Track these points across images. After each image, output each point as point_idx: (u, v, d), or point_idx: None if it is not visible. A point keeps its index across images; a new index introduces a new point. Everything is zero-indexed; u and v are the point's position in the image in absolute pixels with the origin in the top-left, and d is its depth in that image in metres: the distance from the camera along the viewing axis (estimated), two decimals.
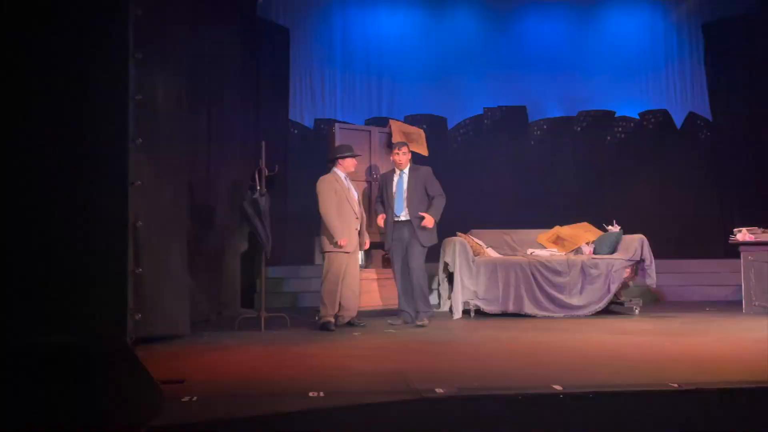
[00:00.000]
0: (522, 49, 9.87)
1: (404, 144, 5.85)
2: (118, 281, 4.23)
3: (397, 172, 5.82)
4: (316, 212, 5.72)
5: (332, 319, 5.55)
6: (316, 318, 5.67)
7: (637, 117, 9.88)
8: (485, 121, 9.77)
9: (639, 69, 9.98)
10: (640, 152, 9.75)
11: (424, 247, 5.62)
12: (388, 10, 9.89)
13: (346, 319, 5.69)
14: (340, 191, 5.63)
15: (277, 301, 7.68)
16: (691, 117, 9.90)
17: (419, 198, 5.68)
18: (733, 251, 9.43)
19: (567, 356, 4.04)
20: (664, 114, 9.88)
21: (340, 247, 5.51)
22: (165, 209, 5.03)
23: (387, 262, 6.42)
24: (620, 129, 9.90)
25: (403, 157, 5.77)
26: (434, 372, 3.62)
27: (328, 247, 5.59)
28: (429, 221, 5.57)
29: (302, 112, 9.47)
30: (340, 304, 5.66)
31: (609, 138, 9.90)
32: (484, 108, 9.76)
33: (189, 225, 5.87)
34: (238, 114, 7.34)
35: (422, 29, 9.89)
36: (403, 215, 5.70)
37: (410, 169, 5.81)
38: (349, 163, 5.75)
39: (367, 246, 5.90)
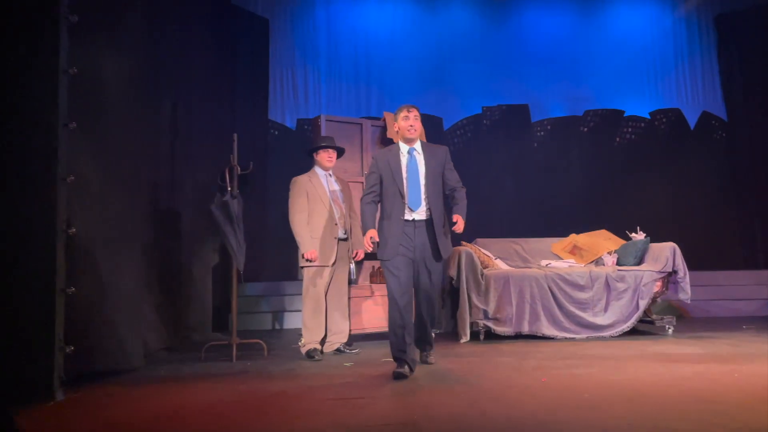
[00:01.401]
0: (523, 44, 9.07)
1: (414, 106, 4.10)
2: (43, 304, 3.29)
3: (403, 149, 4.03)
4: None
5: (318, 346, 4.63)
6: (299, 344, 4.75)
7: (648, 117, 9.10)
8: (484, 121, 8.94)
9: (648, 65, 9.22)
10: (652, 154, 8.96)
11: (442, 261, 4.04)
12: (377, 1, 9.05)
13: (335, 345, 4.77)
14: (315, 193, 4.73)
15: (255, 323, 6.76)
16: (705, 116, 9.14)
17: (438, 188, 4.00)
18: (753, 262, 8.74)
19: (623, 396, 3.15)
20: (677, 113, 9.12)
21: (308, 261, 4.63)
22: (115, 214, 4.13)
23: (377, 277, 5.48)
24: (630, 129, 9.11)
25: (416, 122, 3.99)
26: (456, 421, 2.72)
27: (303, 261, 4.68)
28: (462, 225, 3.92)
29: (283, 111, 8.55)
30: (326, 327, 4.75)
31: (618, 139, 9.10)
32: (482, 107, 8.93)
33: (148, 234, 4.96)
34: (209, 110, 6.45)
35: (415, 22, 9.06)
36: (421, 212, 3.94)
37: (423, 147, 4.08)
38: (322, 158, 4.85)
39: (360, 256, 4.97)
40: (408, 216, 3.93)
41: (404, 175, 3.96)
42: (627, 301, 5.55)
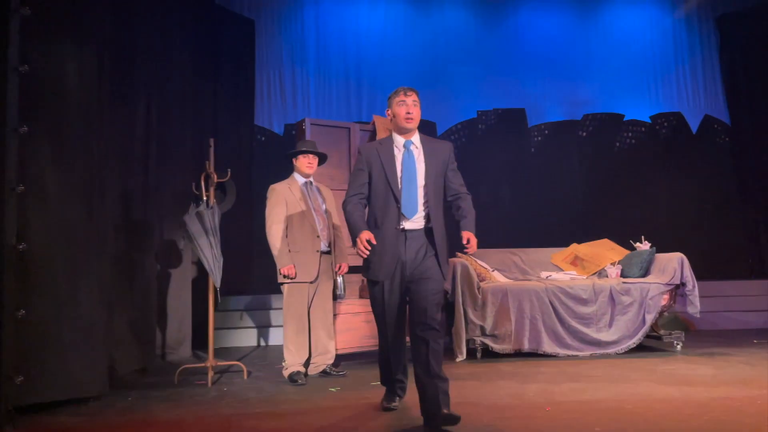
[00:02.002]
0: (519, 46, 8.77)
1: (413, 89, 3.30)
2: None
3: (398, 142, 3.24)
4: None
5: (301, 369, 4.26)
6: (283, 365, 4.38)
7: (649, 121, 8.80)
8: (479, 125, 8.62)
9: (648, 68, 8.94)
10: (653, 160, 8.66)
11: (444, 280, 3.18)
12: (367, 2, 8.73)
13: (321, 367, 4.41)
14: (296, 202, 4.34)
15: (239, 339, 6.40)
16: (708, 120, 8.85)
17: (439, 192, 3.21)
18: (761, 271, 8.42)
19: (638, 430, 2.81)
20: (678, 117, 8.82)
21: (286, 277, 4.26)
22: (77, 226, 3.77)
23: (367, 291, 5.10)
24: (630, 134, 8.81)
25: (414, 109, 3.23)
26: None
27: (281, 277, 4.31)
28: (475, 244, 3.07)
29: (270, 116, 8.21)
30: (311, 347, 4.39)
31: (618, 144, 8.80)
32: (477, 111, 8.62)
33: (119, 246, 4.60)
34: (189, 114, 6.09)
35: (407, 23, 8.74)
36: (417, 221, 3.15)
37: (423, 141, 3.28)
38: (301, 163, 4.46)
39: (344, 270, 4.61)
40: (401, 225, 3.14)
41: (399, 174, 3.17)
42: (633, 315, 5.22)
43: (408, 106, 3.22)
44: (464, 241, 3.06)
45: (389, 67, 8.52)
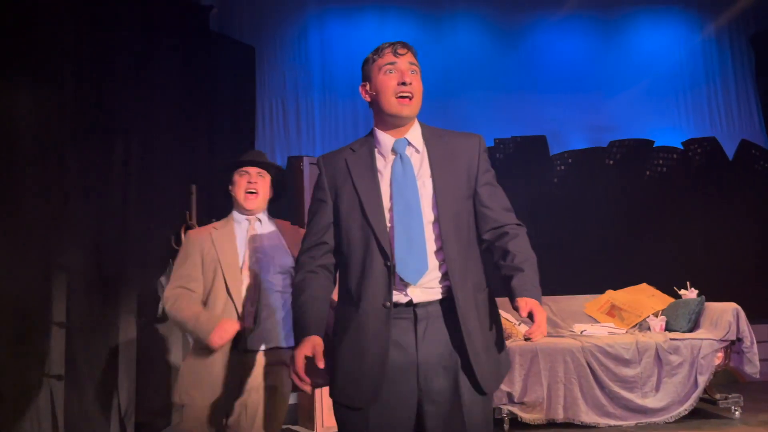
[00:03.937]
0: (538, 70, 8.18)
1: (407, 46, 2.01)
2: None
3: (385, 144, 1.91)
4: None
5: None
6: None
7: (681, 147, 8.14)
8: (497, 155, 8.00)
9: (677, 90, 8.31)
10: (687, 189, 7.98)
11: (485, 398, 1.76)
12: (375, 25, 8.21)
13: None
14: None
15: None
16: (744, 145, 8.19)
17: (466, 226, 1.86)
18: None
19: None
20: (713, 142, 8.16)
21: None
22: (30, 286, 3.22)
23: None
24: (661, 161, 8.15)
25: (412, 78, 1.97)
26: None
27: None
28: (543, 323, 1.68)
29: (272, 147, 7.66)
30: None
31: (649, 173, 8.14)
32: (494, 139, 8.01)
33: (89, 306, 4.00)
34: (179, 153, 5.51)
35: (418, 47, 8.10)
36: (431, 286, 1.78)
37: (428, 135, 1.98)
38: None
39: None
40: (400, 297, 1.74)
41: (387, 202, 1.79)
42: (683, 377, 4.53)
43: (402, 74, 1.86)
44: (523, 314, 1.67)
45: None
